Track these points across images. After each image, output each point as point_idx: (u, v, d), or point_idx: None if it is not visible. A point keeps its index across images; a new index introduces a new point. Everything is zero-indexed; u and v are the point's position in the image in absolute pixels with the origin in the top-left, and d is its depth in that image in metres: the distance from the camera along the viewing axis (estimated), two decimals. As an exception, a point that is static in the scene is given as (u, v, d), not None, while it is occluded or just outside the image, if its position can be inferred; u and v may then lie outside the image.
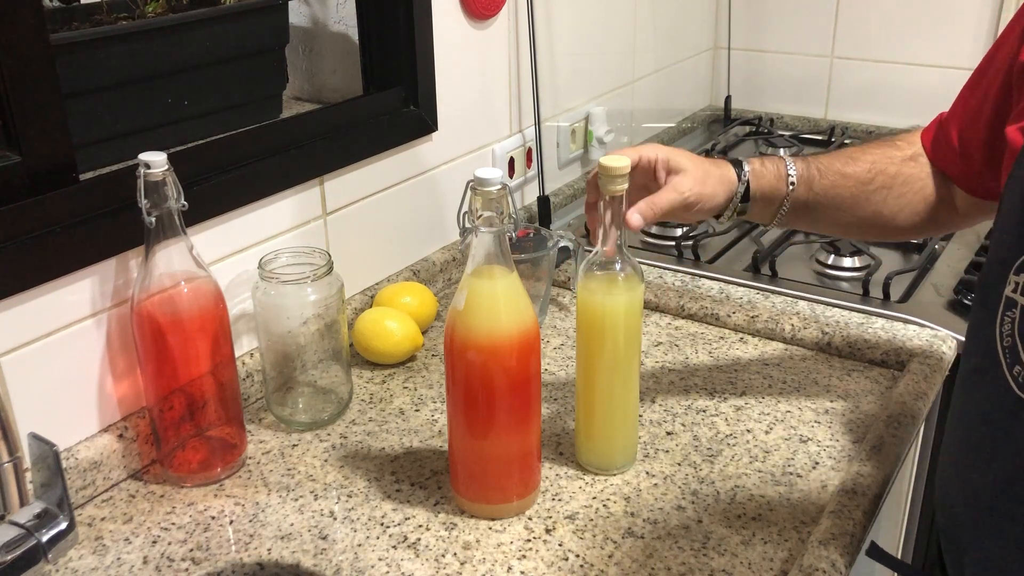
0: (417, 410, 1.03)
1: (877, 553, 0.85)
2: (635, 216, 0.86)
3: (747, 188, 0.92)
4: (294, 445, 0.97)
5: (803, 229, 1.03)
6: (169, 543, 0.83)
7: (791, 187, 0.92)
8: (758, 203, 0.93)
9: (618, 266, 0.85)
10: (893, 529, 1.24)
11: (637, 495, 0.89)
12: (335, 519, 0.86)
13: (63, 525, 0.73)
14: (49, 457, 0.73)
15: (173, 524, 0.86)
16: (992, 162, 0.84)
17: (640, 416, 0.99)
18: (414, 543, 0.83)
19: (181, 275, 0.86)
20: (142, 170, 0.82)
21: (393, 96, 1.18)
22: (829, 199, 0.92)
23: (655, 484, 0.90)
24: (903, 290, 1.25)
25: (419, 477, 0.92)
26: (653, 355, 1.13)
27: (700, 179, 0.89)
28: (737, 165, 0.92)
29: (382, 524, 0.85)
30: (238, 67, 1.12)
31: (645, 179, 0.91)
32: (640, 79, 1.74)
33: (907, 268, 1.30)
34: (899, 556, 1.28)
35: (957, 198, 0.93)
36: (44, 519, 0.72)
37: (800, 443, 0.97)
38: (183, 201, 0.85)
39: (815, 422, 1.00)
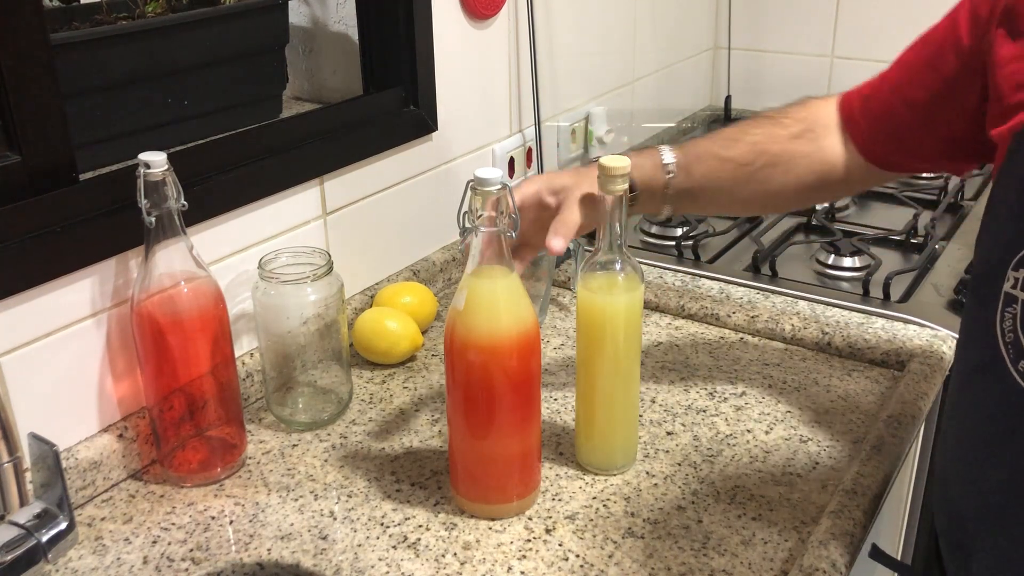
0: (417, 410, 1.03)
1: (878, 555, 0.85)
2: (556, 241, 0.86)
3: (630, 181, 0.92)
4: (294, 445, 0.97)
5: (694, 213, 1.05)
6: (169, 543, 0.83)
7: (670, 175, 0.92)
8: (644, 194, 0.93)
9: (618, 266, 0.85)
10: (893, 529, 1.24)
11: (637, 495, 0.89)
12: (335, 519, 0.86)
13: (63, 525, 0.73)
14: (49, 457, 0.73)
15: (173, 524, 0.86)
16: (934, 147, 0.86)
17: (640, 416, 0.99)
18: (414, 543, 0.83)
19: (181, 275, 0.86)
20: (142, 170, 0.82)
21: (393, 96, 1.18)
22: (710, 183, 0.93)
23: (655, 484, 0.90)
24: (903, 290, 1.25)
25: (419, 477, 0.92)
26: (653, 355, 1.13)
27: (588, 185, 0.89)
28: None
29: (382, 524, 0.85)
30: (238, 67, 1.12)
31: (536, 212, 0.90)
32: (640, 79, 1.74)
33: (907, 268, 1.30)
34: (899, 556, 1.28)
35: (851, 168, 0.92)
36: (44, 519, 0.72)
37: (800, 443, 0.97)
38: (183, 201, 0.85)
39: (815, 422, 1.00)
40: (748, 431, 0.99)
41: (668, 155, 0.92)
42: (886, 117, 0.89)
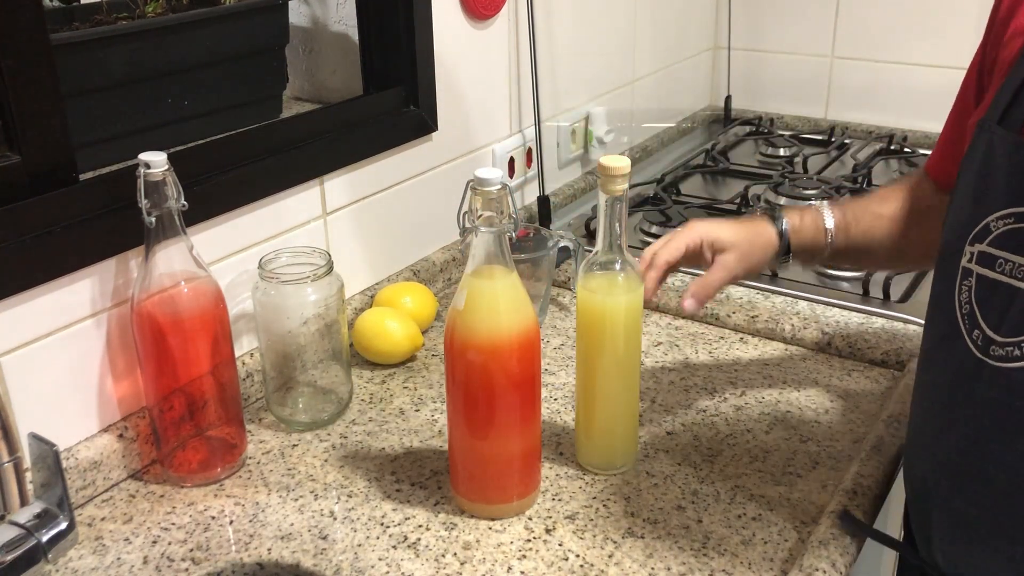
0: (417, 410, 1.03)
1: (848, 520, 0.84)
2: (690, 301, 0.89)
3: (788, 243, 0.93)
4: (294, 445, 0.97)
5: (847, 264, 1.08)
6: (169, 543, 0.83)
7: (830, 240, 0.93)
8: (799, 256, 0.95)
9: (618, 266, 0.85)
10: (893, 530, 1.23)
11: (637, 495, 0.89)
12: (335, 519, 0.86)
13: (63, 525, 0.73)
14: (49, 457, 0.73)
15: (173, 524, 0.86)
16: None
17: (640, 416, 0.99)
18: (414, 543, 0.83)
19: (181, 275, 0.86)
20: (142, 170, 0.82)
21: (393, 96, 1.18)
22: (867, 241, 0.94)
23: (655, 484, 0.90)
24: (903, 290, 1.24)
25: (419, 477, 0.92)
26: (653, 355, 1.13)
27: (746, 253, 0.91)
28: (776, 221, 0.93)
29: (382, 524, 0.85)
30: (238, 67, 1.12)
31: (694, 261, 0.93)
32: (640, 79, 1.74)
33: (907, 268, 1.30)
34: (897, 555, 1.27)
35: None
36: (44, 519, 0.72)
37: (800, 443, 0.97)
38: (183, 201, 0.85)
39: (815, 422, 1.00)
40: (748, 431, 0.99)
41: (829, 218, 0.93)
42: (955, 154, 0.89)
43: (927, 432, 0.77)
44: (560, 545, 0.82)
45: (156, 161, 0.82)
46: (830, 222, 0.93)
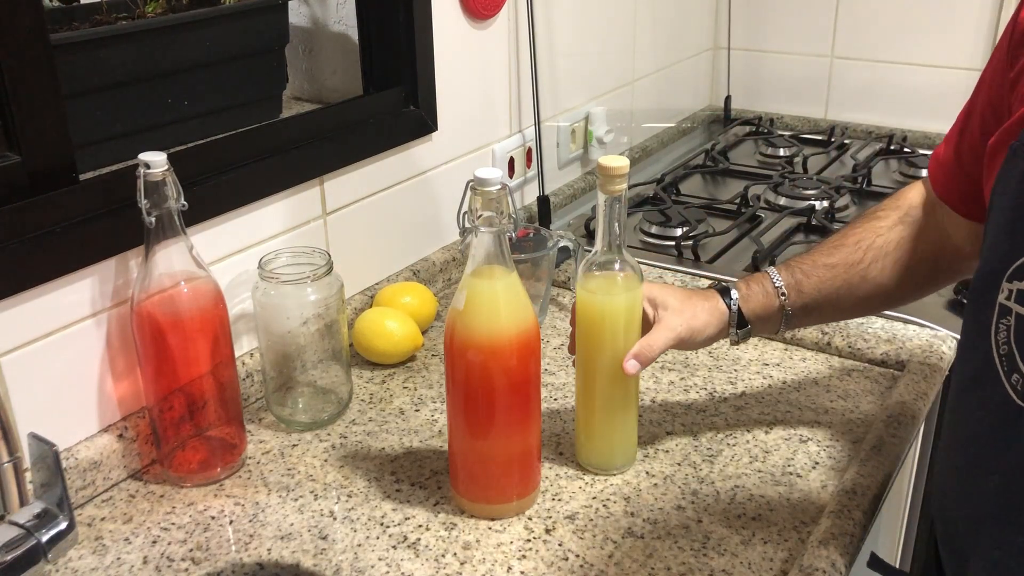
0: (417, 410, 1.03)
1: (877, 564, 0.84)
2: (631, 363, 0.86)
3: (740, 314, 0.92)
4: (294, 445, 0.97)
5: (815, 325, 1.07)
6: (169, 543, 0.83)
7: (783, 298, 0.91)
8: (757, 323, 0.93)
9: (617, 266, 0.85)
10: (892, 530, 1.24)
11: (637, 495, 0.89)
12: (335, 519, 0.86)
13: (63, 525, 0.73)
14: (49, 457, 0.73)
15: (173, 524, 0.86)
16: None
17: (640, 416, 0.99)
18: (414, 543, 0.83)
19: (181, 275, 0.86)
20: (142, 170, 0.82)
21: (393, 96, 1.18)
22: (824, 295, 0.91)
23: (655, 484, 0.90)
24: (903, 290, 1.24)
25: (419, 477, 0.92)
26: (653, 355, 1.13)
27: (689, 315, 0.89)
28: (725, 294, 0.92)
29: (382, 524, 0.85)
30: (238, 67, 1.12)
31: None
32: (640, 79, 1.74)
33: (907, 268, 1.29)
34: (898, 555, 1.28)
35: (959, 238, 0.89)
36: (44, 519, 0.72)
37: (800, 443, 0.97)
38: (183, 201, 0.85)
39: (815, 422, 1.00)
40: (748, 431, 0.99)
41: (777, 278, 0.92)
42: (962, 167, 0.85)
43: (961, 476, 0.73)
44: (560, 545, 0.82)
45: (156, 161, 0.82)
46: (779, 282, 0.91)
